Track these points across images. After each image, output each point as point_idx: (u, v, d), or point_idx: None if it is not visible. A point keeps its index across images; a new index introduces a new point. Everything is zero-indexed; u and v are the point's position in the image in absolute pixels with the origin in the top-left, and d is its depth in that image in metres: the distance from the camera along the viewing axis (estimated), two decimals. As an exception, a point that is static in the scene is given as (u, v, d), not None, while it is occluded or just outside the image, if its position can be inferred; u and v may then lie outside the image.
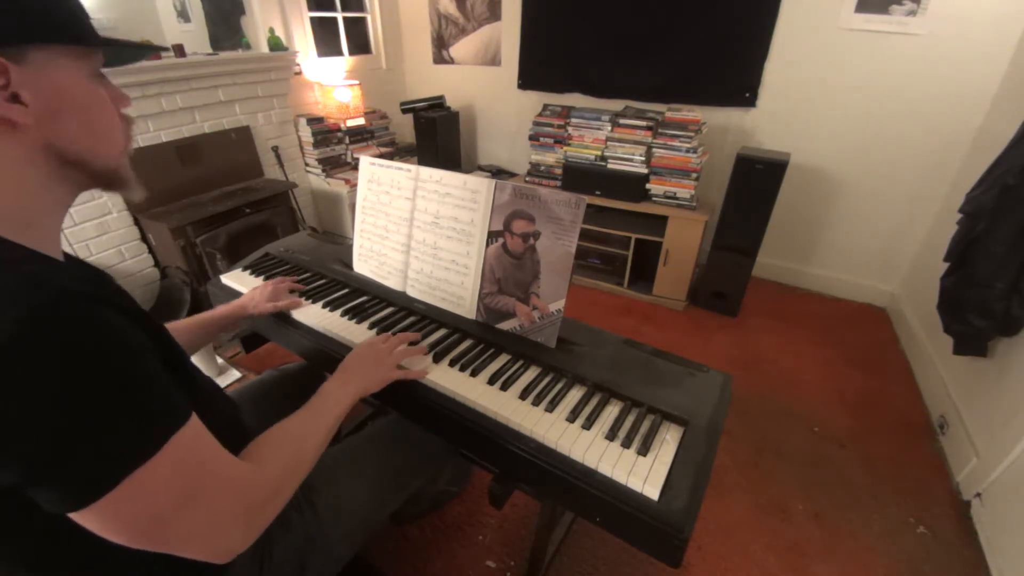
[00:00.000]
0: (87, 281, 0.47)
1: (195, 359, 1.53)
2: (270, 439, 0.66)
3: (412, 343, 0.97)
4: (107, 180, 0.56)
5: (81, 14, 0.50)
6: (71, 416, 0.41)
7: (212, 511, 0.51)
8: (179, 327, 0.94)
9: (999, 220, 1.43)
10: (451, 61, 3.46)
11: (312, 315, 1.09)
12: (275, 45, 2.69)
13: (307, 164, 3.14)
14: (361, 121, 3.28)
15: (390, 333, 0.98)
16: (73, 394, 0.41)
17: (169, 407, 0.49)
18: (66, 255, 0.57)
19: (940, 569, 1.31)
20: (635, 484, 0.71)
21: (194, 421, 0.51)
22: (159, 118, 2.29)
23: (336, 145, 3.14)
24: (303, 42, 2.95)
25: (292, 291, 1.16)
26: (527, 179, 2.91)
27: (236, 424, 0.74)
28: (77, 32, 0.49)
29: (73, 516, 0.44)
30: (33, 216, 0.50)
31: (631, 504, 0.70)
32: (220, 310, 1.02)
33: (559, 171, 2.75)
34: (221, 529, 0.52)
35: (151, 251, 2.38)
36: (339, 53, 3.27)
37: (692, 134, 2.36)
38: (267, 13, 2.72)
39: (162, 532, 0.48)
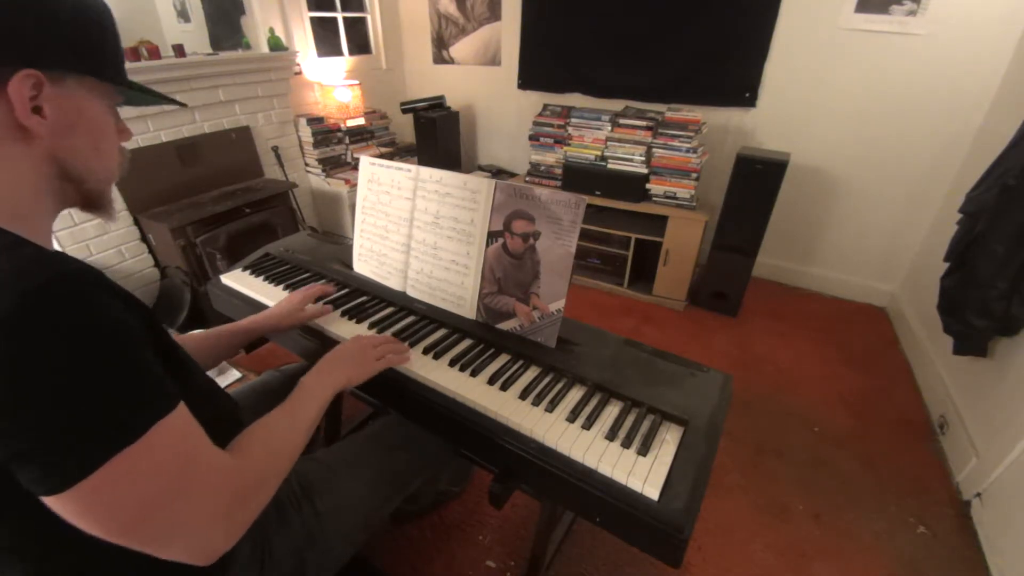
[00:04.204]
0: (82, 268, 0.48)
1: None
2: (252, 434, 0.65)
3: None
4: (93, 200, 0.60)
5: (118, 57, 0.57)
6: (56, 394, 0.42)
7: (194, 506, 0.50)
8: (203, 336, 0.94)
9: (999, 220, 1.43)
10: (451, 61, 3.46)
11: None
12: (275, 45, 2.69)
13: (307, 164, 3.14)
14: (361, 121, 3.28)
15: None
16: (59, 372, 0.42)
17: (156, 393, 0.49)
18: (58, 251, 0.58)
19: (940, 569, 1.31)
20: (635, 484, 0.71)
21: (182, 410, 0.51)
22: (159, 118, 2.29)
23: (336, 145, 3.14)
24: (303, 42, 2.96)
25: (322, 298, 1.12)
26: (527, 179, 2.91)
27: (236, 421, 0.74)
28: (111, 72, 0.56)
29: (53, 504, 0.44)
30: (30, 215, 0.52)
31: (631, 504, 0.70)
32: (247, 323, 1.00)
33: (559, 171, 2.75)
34: (203, 526, 0.51)
35: (151, 251, 2.38)
36: (339, 53, 3.27)
37: (692, 134, 2.36)
38: (267, 13, 2.72)
39: (142, 526, 0.47)
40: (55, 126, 0.51)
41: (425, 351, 0.97)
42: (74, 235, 2.09)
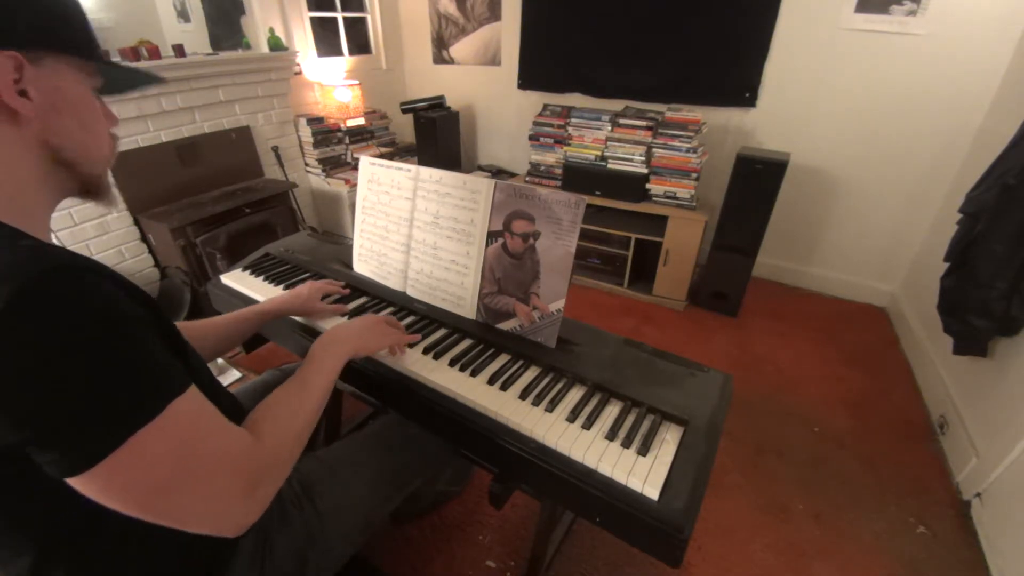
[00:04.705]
0: (83, 258, 0.49)
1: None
2: (266, 409, 0.66)
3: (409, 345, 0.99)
4: (90, 186, 0.60)
5: (92, 36, 0.57)
6: (68, 379, 0.42)
7: (213, 482, 0.51)
8: (214, 323, 0.94)
9: (999, 220, 1.43)
10: (451, 61, 3.46)
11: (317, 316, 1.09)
12: (275, 45, 2.69)
13: (307, 164, 3.14)
14: (361, 121, 3.28)
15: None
16: (70, 358, 0.42)
17: (167, 375, 0.50)
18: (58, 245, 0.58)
19: (940, 569, 1.31)
20: (635, 484, 0.71)
21: (194, 391, 0.52)
22: (159, 118, 2.29)
23: (336, 145, 3.14)
24: (303, 42, 2.96)
25: (330, 296, 1.13)
26: (527, 179, 2.91)
27: (238, 418, 0.74)
28: (88, 50, 0.55)
29: (74, 483, 0.45)
30: (28, 205, 0.52)
31: (631, 504, 0.70)
32: (259, 306, 1.01)
33: (559, 171, 2.75)
34: (223, 501, 0.53)
35: (151, 251, 2.38)
36: (339, 53, 3.27)
37: (692, 134, 2.36)
38: (267, 13, 2.72)
39: (163, 502, 0.49)
40: (42, 108, 0.51)
41: (425, 351, 0.97)
42: (74, 235, 2.09)
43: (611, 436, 0.78)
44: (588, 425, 0.81)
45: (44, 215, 0.56)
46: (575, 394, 0.89)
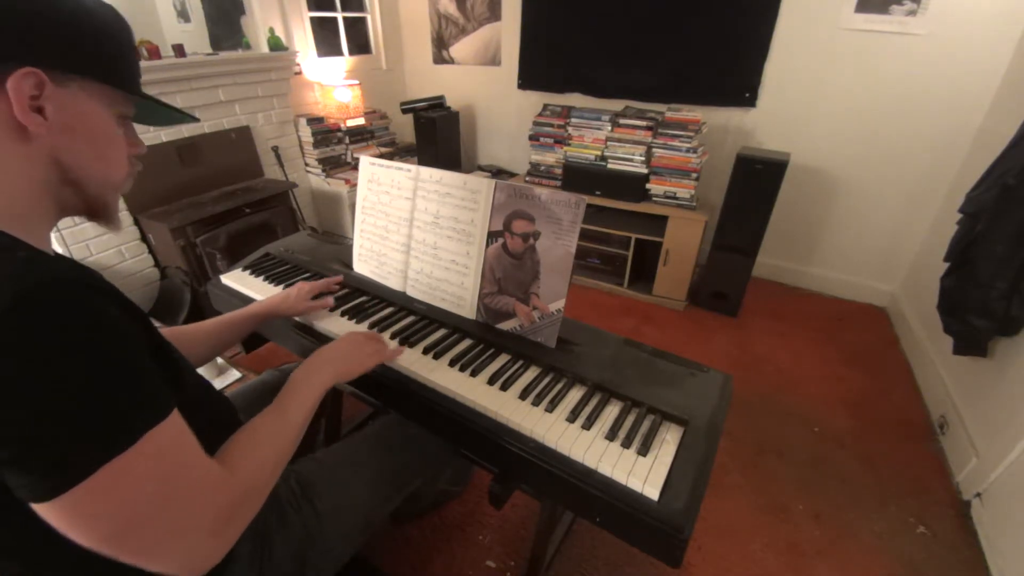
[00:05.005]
0: (79, 271, 0.49)
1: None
2: (241, 441, 0.64)
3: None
4: (95, 208, 0.59)
5: (130, 68, 0.57)
6: (50, 398, 0.41)
7: (184, 518, 0.50)
8: (205, 327, 0.94)
9: (999, 220, 1.43)
10: (451, 61, 3.46)
11: (312, 315, 1.09)
12: (275, 45, 2.69)
13: (307, 164, 3.14)
14: (361, 121, 3.28)
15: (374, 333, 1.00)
16: (54, 376, 0.41)
17: (149, 400, 0.48)
18: (56, 254, 0.58)
19: (940, 569, 1.31)
20: (635, 484, 0.71)
21: (175, 418, 0.50)
22: (159, 118, 2.28)
23: (336, 145, 3.14)
24: (303, 42, 2.96)
25: (321, 295, 1.13)
26: (527, 179, 2.91)
27: (233, 424, 0.74)
28: (123, 81, 0.56)
29: (42, 511, 0.43)
30: (29, 216, 0.52)
31: (631, 504, 0.70)
32: (249, 309, 1.02)
33: (559, 171, 2.75)
34: (192, 538, 0.51)
35: (151, 251, 2.38)
36: (339, 53, 3.27)
37: (692, 134, 2.36)
38: (267, 13, 2.72)
39: (129, 537, 0.47)
40: (56, 127, 0.50)
41: (425, 351, 0.97)
42: (74, 235, 2.09)
43: (611, 436, 0.78)
44: (588, 425, 0.81)
45: (45, 228, 0.55)
46: (575, 394, 0.89)
